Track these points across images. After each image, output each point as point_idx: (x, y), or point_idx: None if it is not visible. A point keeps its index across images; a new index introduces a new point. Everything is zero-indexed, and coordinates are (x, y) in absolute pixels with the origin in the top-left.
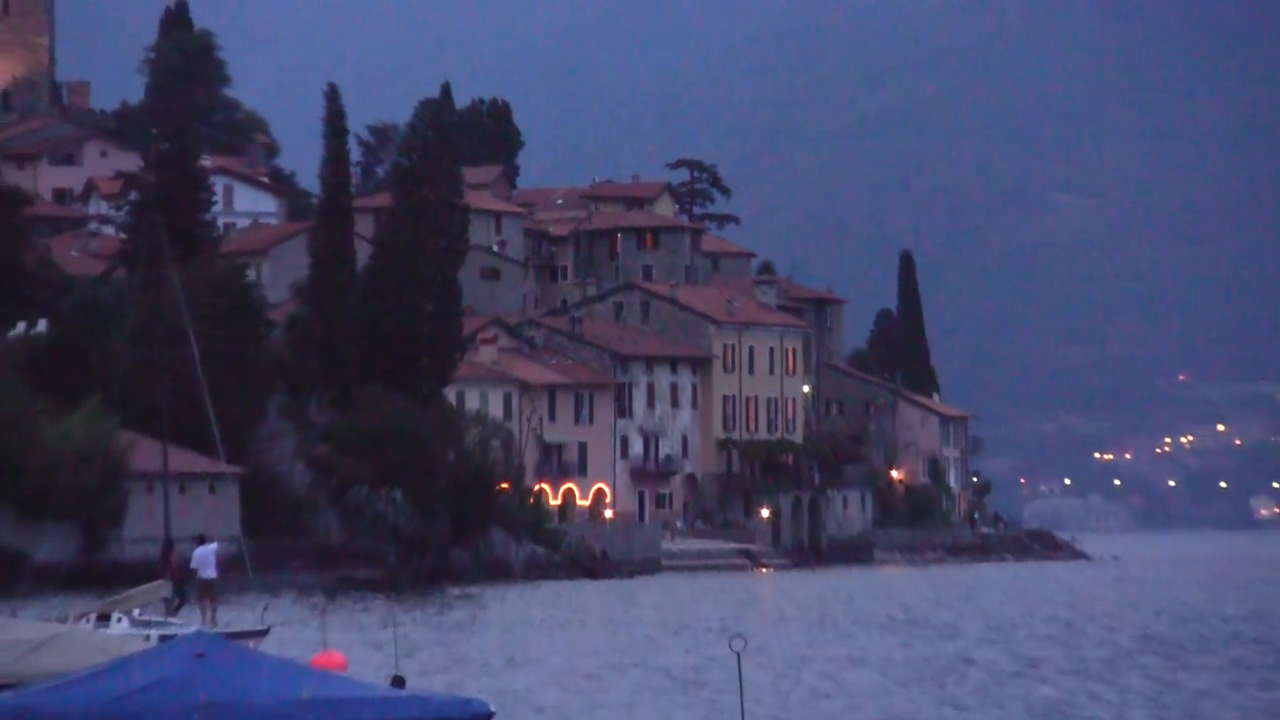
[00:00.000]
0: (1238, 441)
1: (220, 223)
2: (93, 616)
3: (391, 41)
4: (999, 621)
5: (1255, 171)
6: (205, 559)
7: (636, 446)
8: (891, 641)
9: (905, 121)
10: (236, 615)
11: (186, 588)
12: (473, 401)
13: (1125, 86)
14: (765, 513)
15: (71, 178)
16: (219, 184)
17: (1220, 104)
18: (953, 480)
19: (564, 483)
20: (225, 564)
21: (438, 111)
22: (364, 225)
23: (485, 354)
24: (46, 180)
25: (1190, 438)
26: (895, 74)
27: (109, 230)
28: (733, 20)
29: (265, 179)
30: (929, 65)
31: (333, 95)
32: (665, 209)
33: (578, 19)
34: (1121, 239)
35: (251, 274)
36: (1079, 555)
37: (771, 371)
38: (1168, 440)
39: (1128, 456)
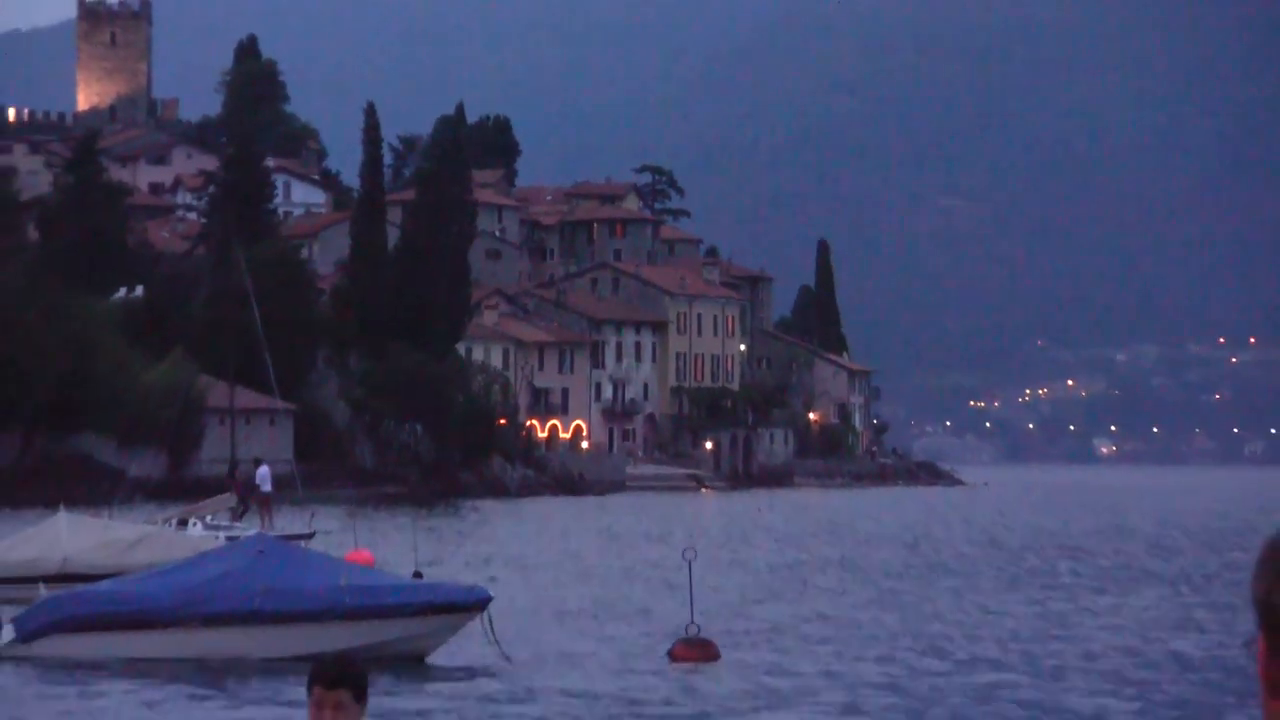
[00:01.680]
0: (1083, 393)
1: (280, 211)
2: (174, 521)
3: (417, 69)
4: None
5: (1097, 176)
6: (264, 477)
7: (607, 392)
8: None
9: (825, 136)
10: (288, 522)
11: (249, 500)
12: (478, 355)
13: (990, 113)
14: (709, 445)
15: (163, 175)
16: (279, 181)
17: (1062, 126)
18: (857, 421)
19: (550, 420)
20: (279, 481)
21: (453, 125)
22: (394, 215)
23: (489, 317)
24: (143, 177)
25: (1045, 390)
26: (818, 97)
27: (192, 216)
28: (688, 53)
29: (316, 177)
30: (844, 91)
31: (370, 112)
32: (632, 204)
33: (563, 53)
34: (990, 231)
35: (304, 252)
36: (956, 482)
37: (715, 334)
38: (1028, 392)
39: (996, 404)
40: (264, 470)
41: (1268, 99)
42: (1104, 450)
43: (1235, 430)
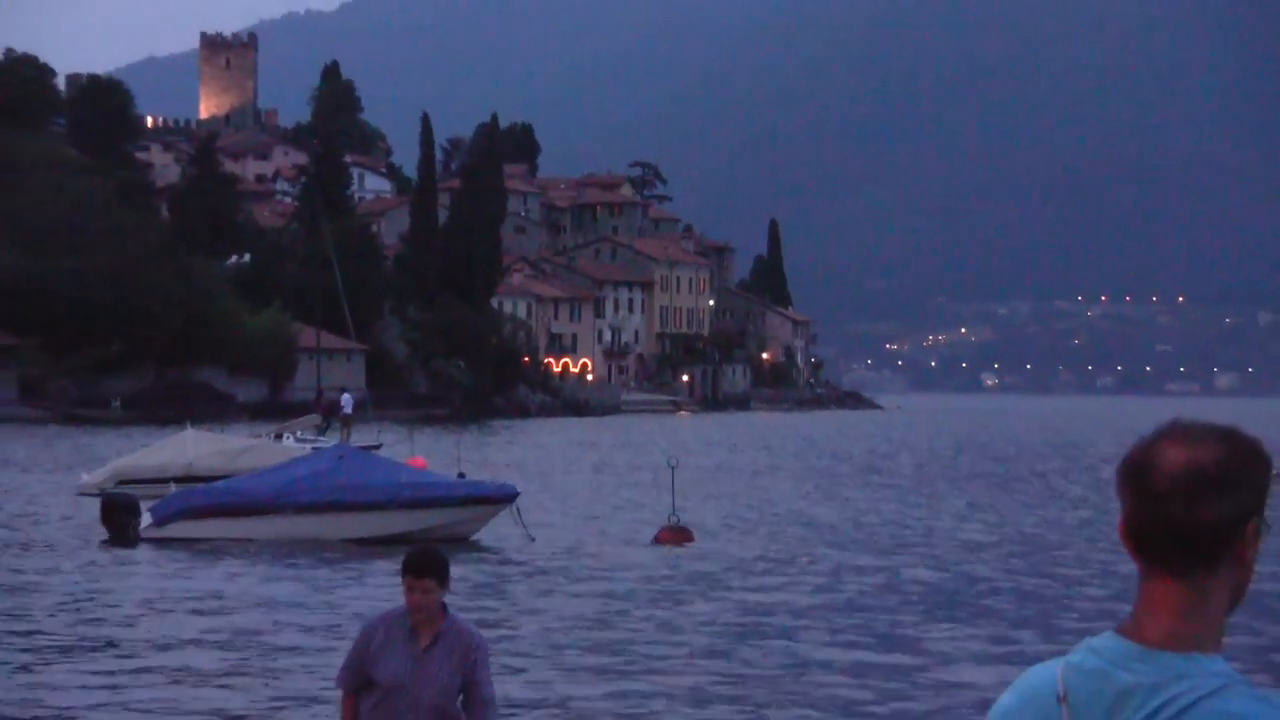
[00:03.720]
0: (972, 339)
1: (355, 196)
2: (272, 435)
3: (462, 86)
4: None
5: (985, 169)
6: (346, 402)
7: (607, 336)
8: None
9: (776, 138)
10: (361, 435)
11: (331, 419)
12: (508, 307)
13: (904, 120)
14: (685, 377)
15: (266, 168)
16: (355, 173)
17: (955, 131)
18: (799, 359)
19: (563, 358)
20: (355, 405)
21: (489, 130)
22: (443, 199)
23: (516, 278)
24: (250, 169)
25: (944, 336)
26: (771, 108)
27: (288, 200)
28: (671, 74)
29: (383, 170)
30: (792, 103)
31: (425, 121)
32: (627, 191)
33: (574, 75)
34: (904, 211)
35: (374, 228)
36: (876, 407)
37: (690, 292)
38: (930, 337)
39: (905, 347)
40: (346, 397)
41: (1134, 110)
42: (988, 383)
43: (1090, 368)
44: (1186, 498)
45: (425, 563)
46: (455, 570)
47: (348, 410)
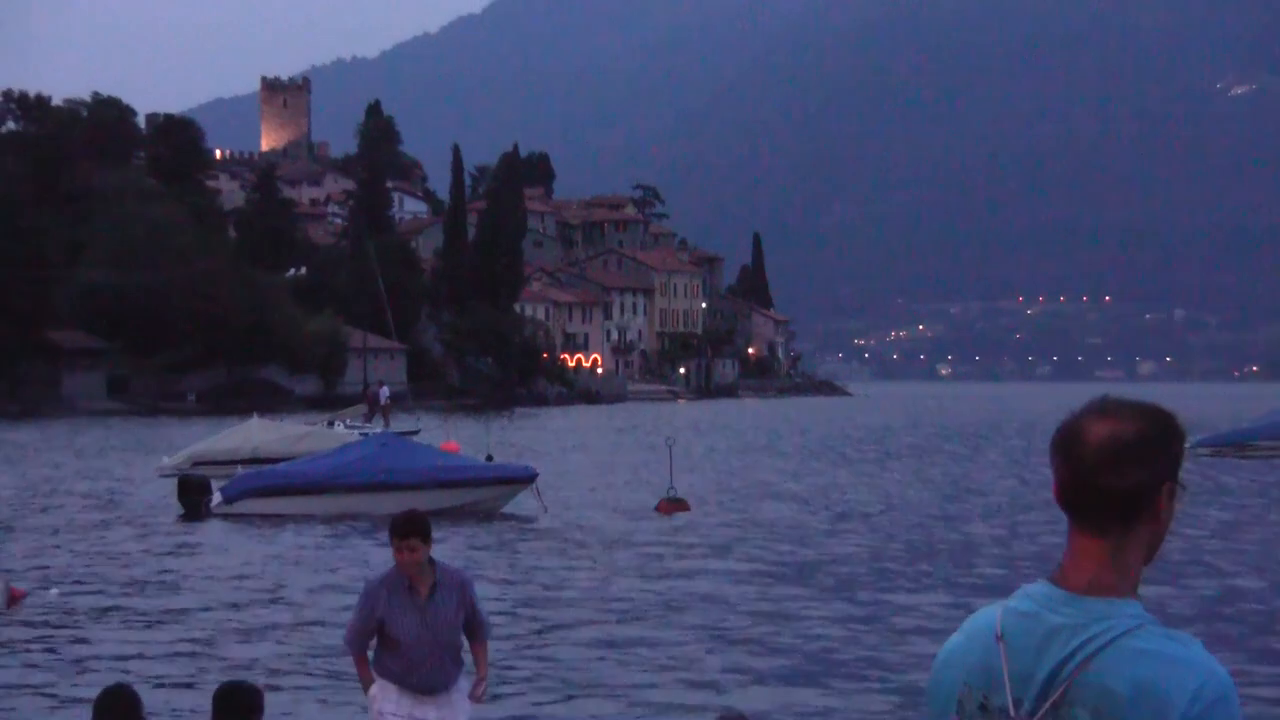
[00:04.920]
0: (929, 334)
1: (396, 217)
2: (326, 423)
3: (487, 119)
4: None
5: (934, 189)
6: (384, 394)
7: (614, 335)
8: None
9: (756, 164)
10: (402, 423)
11: (375, 409)
12: (529, 311)
13: (868, 149)
14: (682, 370)
15: (318, 193)
16: (395, 197)
17: (911, 155)
18: (780, 354)
19: (576, 354)
20: (395, 396)
21: (511, 159)
22: (472, 218)
23: (535, 286)
24: (305, 194)
25: (905, 332)
26: (751, 138)
27: (338, 220)
28: (664, 111)
29: (420, 194)
30: (770, 133)
31: (456, 151)
32: (630, 210)
33: (582, 110)
34: (867, 225)
35: (412, 244)
36: (846, 394)
37: (685, 296)
38: (894, 333)
39: (871, 341)
40: (384, 389)
41: (1068, 133)
42: (943, 372)
43: (1030, 358)
44: (1108, 465)
45: (409, 525)
46: (478, 538)
47: (386, 401)
